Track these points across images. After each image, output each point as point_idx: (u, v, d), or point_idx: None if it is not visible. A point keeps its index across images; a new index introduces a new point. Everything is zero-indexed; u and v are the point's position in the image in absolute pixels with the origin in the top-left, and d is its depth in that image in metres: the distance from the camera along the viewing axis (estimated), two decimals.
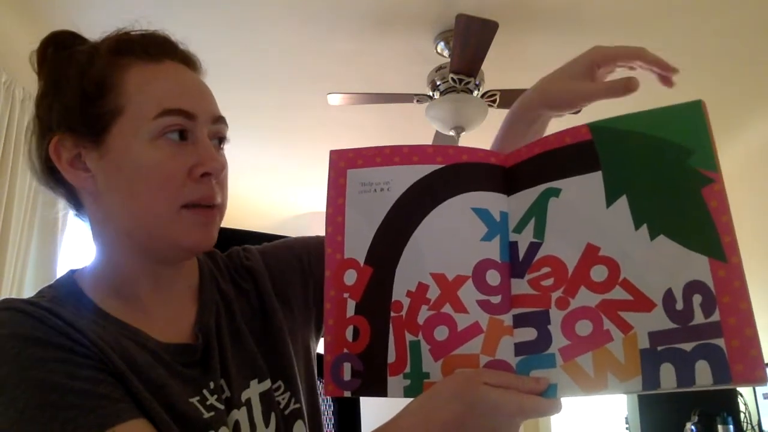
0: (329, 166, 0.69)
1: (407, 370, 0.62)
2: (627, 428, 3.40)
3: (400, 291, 0.64)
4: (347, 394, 0.64)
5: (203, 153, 0.66)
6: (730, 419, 3.05)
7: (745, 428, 3.14)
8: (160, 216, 0.65)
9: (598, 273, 0.59)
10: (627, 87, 0.63)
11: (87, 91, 0.65)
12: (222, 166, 0.67)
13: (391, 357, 0.63)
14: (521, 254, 0.63)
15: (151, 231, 0.66)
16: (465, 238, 0.64)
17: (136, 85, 0.65)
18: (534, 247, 0.63)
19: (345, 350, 0.65)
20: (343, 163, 0.69)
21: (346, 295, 0.66)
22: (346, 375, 0.64)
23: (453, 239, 0.64)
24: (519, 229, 0.64)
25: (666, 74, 0.64)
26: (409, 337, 0.63)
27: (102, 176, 0.66)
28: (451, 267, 0.63)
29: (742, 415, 3.14)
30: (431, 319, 0.63)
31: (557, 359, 0.58)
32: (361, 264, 0.66)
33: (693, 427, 3.06)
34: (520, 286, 0.62)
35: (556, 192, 0.63)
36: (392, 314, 0.64)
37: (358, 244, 0.67)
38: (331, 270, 0.67)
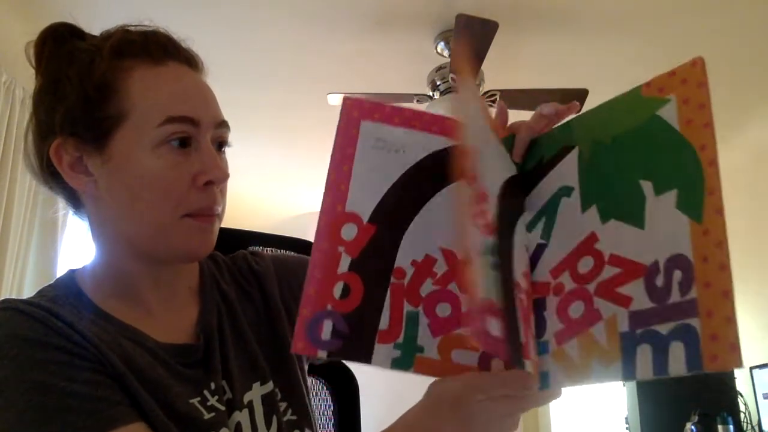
0: (341, 112, 0.65)
1: (400, 340, 0.59)
2: (627, 428, 3.40)
3: (404, 258, 0.61)
4: (322, 354, 0.59)
5: (207, 161, 0.65)
6: (730, 419, 3.04)
7: (745, 428, 3.14)
8: (160, 224, 0.64)
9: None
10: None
11: (89, 95, 0.64)
12: (226, 175, 0.66)
13: (384, 324, 0.59)
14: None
15: (151, 237, 0.65)
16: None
17: (140, 90, 0.64)
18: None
19: (329, 307, 0.59)
20: (356, 113, 0.66)
21: (341, 248, 0.62)
22: (326, 334, 0.59)
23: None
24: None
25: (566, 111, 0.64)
26: (407, 307, 0.60)
27: (103, 181, 0.65)
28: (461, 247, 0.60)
29: (742, 415, 3.14)
30: (435, 294, 0.60)
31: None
32: (365, 221, 0.62)
33: (693, 427, 3.05)
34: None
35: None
36: (393, 280, 0.61)
37: (364, 199, 0.63)
38: (328, 220, 0.63)
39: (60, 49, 0.68)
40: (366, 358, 0.59)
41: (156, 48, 0.67)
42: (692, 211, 0.52)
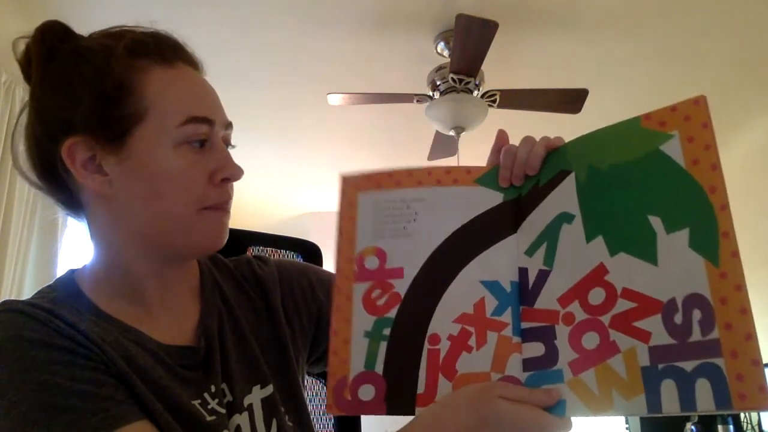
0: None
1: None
2: (627, 428, 3.40)
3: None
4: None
5: (222, 159, 0.67)
6: (730, 419, 3.05)
7: (745, 428, 3.14)
8: (181, 218, 0.65)
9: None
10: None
11: (107, 93, 0.64)
12: (241, 171, 0.69)
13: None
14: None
15: (170, 232, 0.66)
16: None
17: (157, 90, 0.65)
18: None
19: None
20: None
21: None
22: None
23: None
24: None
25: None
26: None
27: (120, 180, 0.65)
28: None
29: (742, 415, 3.14)
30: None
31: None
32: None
33: (693, 427, 3.06)
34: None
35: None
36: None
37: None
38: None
39: (62, 46, 0.67)
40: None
41: (167, 49, 0.68)
42: (707, 253, 0.52)
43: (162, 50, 0.68)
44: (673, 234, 0.55)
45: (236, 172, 0.68)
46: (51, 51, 0.67)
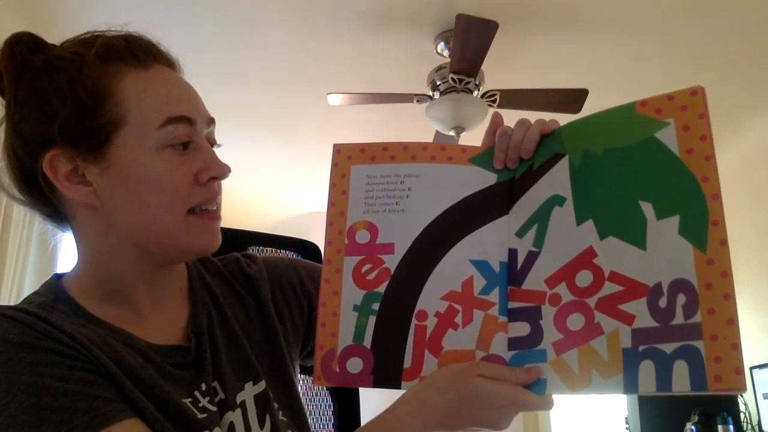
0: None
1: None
2: (627, 428, 3.40)
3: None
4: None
5: (208, 158, 0.67)
6: (730, 419, 3.05)
7: (745, 428, 3.14)
8: (170, 224, 0.65)
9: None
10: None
11: (83, 103, 0.63)
12: (228, 169, 0.68)
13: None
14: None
15: (160, 239, 0.66)
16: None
17: (134, 94, 0.64)
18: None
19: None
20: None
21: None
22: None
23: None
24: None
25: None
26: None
27: (106, 189, 0.65)
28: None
29: (742, 415, 3.14)
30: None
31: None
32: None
33: (693, 427, 3.06)
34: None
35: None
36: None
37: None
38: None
39: (33, 59, 0.66)
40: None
41: (141, 51, 0.67)
42: (696, 240, 0.53)
43: (135, 53, 0.66)
44: (663, 220, 0.56)
45: (223, 170, 0.67)
46: (22, 64, 0.66)
